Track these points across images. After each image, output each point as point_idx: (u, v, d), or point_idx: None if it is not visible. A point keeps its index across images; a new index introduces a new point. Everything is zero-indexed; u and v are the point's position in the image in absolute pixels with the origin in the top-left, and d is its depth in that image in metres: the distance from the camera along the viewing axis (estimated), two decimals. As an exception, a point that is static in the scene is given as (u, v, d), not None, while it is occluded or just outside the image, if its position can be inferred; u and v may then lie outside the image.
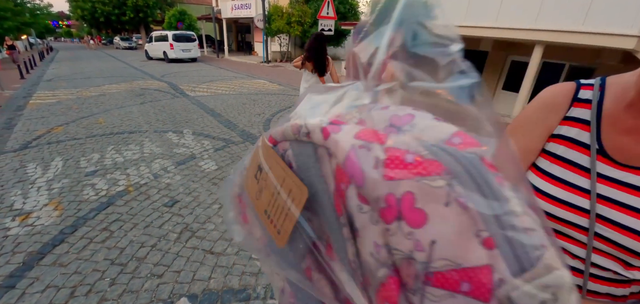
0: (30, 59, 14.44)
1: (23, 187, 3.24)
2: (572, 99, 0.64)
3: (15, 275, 2.11)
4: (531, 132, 0.68)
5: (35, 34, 28.55)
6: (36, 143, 4.49)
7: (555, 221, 0.65)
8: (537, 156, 0.69)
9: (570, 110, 0.63)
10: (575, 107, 0.63)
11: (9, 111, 6.33)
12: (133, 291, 2.00)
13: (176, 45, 16.61)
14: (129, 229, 2.60)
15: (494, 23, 7.36)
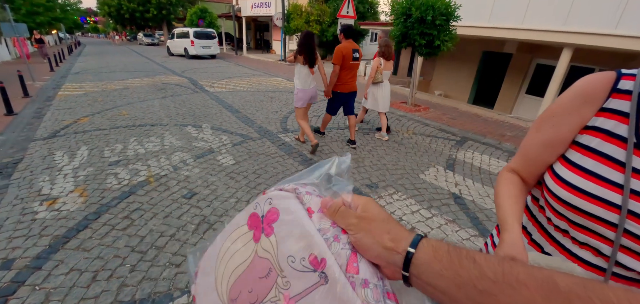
0: (59, 53, 15.08)
1: (51, 174, 3.38)
2: (611, 89, 0.61)
3: (41, 257, 2.19)
4: (563, 123, 0.66)
5: (65, 29, 29.84)
6: (64, 132, 4.68)
7: (583, 216, 0.62)
8: (567, 148, 0.66)
9: (608, 101, 0.61)
10: (613, 98, 0.60)
11: (39, 100, 6.64)
12: (152, 279, 2.04)
13: (197, 42, 16.96)
14: (149, 219, 2.65)
15: (520, 24, 7.10)
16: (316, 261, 0.37)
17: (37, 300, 1.87)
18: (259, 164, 3.81)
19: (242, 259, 0.44)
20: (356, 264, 0.37)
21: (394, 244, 0.35)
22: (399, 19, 7.00)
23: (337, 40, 16.33)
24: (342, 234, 0.39)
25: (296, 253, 0.39)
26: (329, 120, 4.62)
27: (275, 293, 0.39)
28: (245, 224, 0.46)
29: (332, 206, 0.41)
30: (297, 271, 0.38)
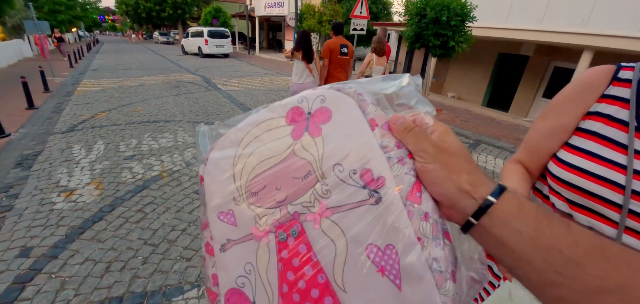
0: (79, 50, 15.55)
1: (68, 166, 3.48)
2: (612, 78, 0.65)
3: (58, 246, 2.26)
4: (567, 111, 0.70)
5: (84, 27, 30.78)
6: (81, 127, 4.81)
7: (588, 197, 0.63)
8: (571, 135, 0.69)
9: (608, 88, 0.65)
10: (614, 86, 0.65)
11: (59, 96, 6.85)
12: (163, 271, 2.07)
13: (210, 41, 17.22)
14: (161, 213, 2.70)
15: (538, 26, 6.92)
16: (370, 178, 0.34)
17: (53, 288, 1.92)
18: (270, 162, 3.82)
19: (273, 152, 0.39)
20: (419, 194, 0.33)
21: (472, 187, 0.31)
22: (413, 19, 6.92)
23: (349, 40, 16.43)
24: (408, 158, 0.35)
25: (347, 163, 0.35)
26: None
27: (310, 198, 0.35)
28: (283, 116, 0.40)
29: (404, 124, 0.36)
30: (342, 183, 0.34)
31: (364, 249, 0.32)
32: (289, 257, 0.35)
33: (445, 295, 0.31)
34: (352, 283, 0.33)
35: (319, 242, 0.34)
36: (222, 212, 0.39)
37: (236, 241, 0.38)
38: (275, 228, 0.36)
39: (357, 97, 0.39)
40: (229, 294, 0.38)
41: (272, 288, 0.35)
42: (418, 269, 0.31)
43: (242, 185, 0.39)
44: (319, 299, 0.33)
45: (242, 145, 0.41)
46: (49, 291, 1.90)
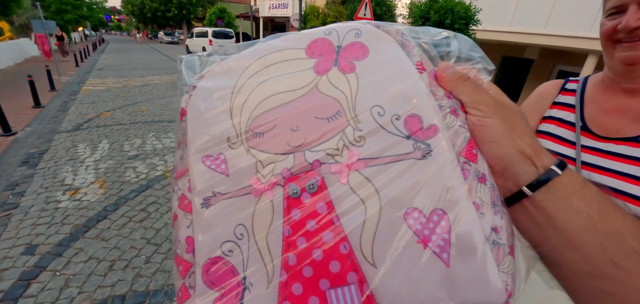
0: (85, 49, 15.70)
1: (74, 165, 3.52)
2: (561, 88, 0.81)
3: (62, 244, 2.29)
4: (529, 117, 0.82)
5: (90, 27, 31.10)
6: (87, 126, 4.86)
7: None
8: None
9: (558, 96, 0.80)
10: (562, 95, 0.79)
11: (64, 95, 6.93)
12: (165, 271, 2.09)
13: (215, 42, 17.33)
14: (164, 212, 2.72)
15: (542, 29, 6.90)
16: (418, 126, 0.27)
17: (57, 285, 1.95)
18: (272, 164, 3.84)
19: (289, 85, 0.31)
20: (475, 152, 0.28)
21: (534, 152, 0.27)
22: (416, 23, 6.93)
23: None
24: (460, 110, 0.29)
25: (388, 105, 0.28)
26: None
27: (337, 144, 0.28)
28: (302, 48, 0.33)
29: (457, 72, 0.31)
30: (381, 129, 0.28)
31: (402, 214, 0.26)
32: (301, 218, 0.27)
33: (505, 272, 0.25)
34: (384, 257, 0.25)
35: (345, 201, 0.27)
36: (210, 156, 0.31)
37: (226, 195, 0.29)
38: (284, 180, 0.28)
39: (401, 37, 0.33)
40: (209, 264, 0.28)
41: (273, 258, 0.27)
42: (474, 240, 0.25)
43: (242, 123, 0.31)
44: (339, 274, 0.26)
45: (246, 74, 0.33)
46: (53, 288, 1.93)
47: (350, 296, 0.25)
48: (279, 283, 0.26)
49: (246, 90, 0.32)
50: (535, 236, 0.28)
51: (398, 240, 0.25)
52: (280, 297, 0.26)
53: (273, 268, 0.27)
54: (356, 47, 0.32)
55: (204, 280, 0.28)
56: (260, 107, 0.31)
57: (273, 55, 0.34)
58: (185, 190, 0.33)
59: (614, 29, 0.65)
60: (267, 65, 0.33)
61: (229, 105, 0.32)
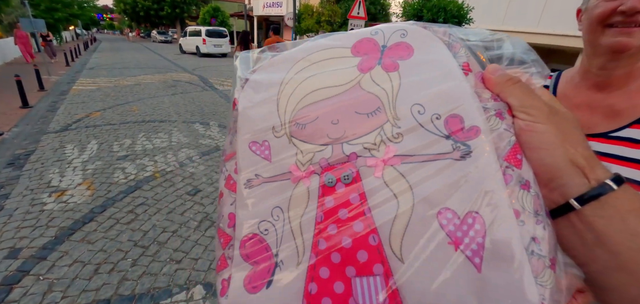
0: (76, 48, 15.48)
1: (61, 166, 3.45)
2: None
3: (47, 247, 2.23)
4: None
5: (82, 26, 30.66)
6: (75, 126, 4.78)
7: None
8: None
9: None
10: None
11: (54, 94, 6.81)
12: (152, 274, 2.05)
13: (208, 41, 17.18)
14: (152, 214, 2.68)
15: (534, 28, 6.95)
16: (459, 126, 0.27)
17: (41, 290, 1.90)
18: (264, 163, 3.81)
19: (332, 82, 0.33)
20: (520, 157, 0.27)
21: (587, 164, 0.26)
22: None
23: None
24: (507, 113, 0.29)
25: (429, 104, 0.29)
26: None
27: (375, 139, 0.29)
28: (348, 47, 0.35)
29: (506, 75, 0.30)
30: (420, 127, 0.28)
31: (435, 213, 0.26)
32: (334, 206, 0.28)
33: (542, 286, 0.24)
34: (413, 253, 0.26)
35: (378, 194, 0.27)
36: (256, 142, 0.34)
37: (267, 178, 0.32)
38: (321, 169, 0.30)
39: (448, 38, 0.33)
40: (247, 239, 0.31)
41: (305, 241, 0.29)
42: (511, 248, 0.24)
43: (287, 114, 0.33)
44: (366, 264, 0.27)
45: (294, 70, 0.35)
46: (36, 293, 1.88)
47: (374, 287, 0.26)
48: (308, 264, 0.28)
49: (293, 84, 0.34)
50: (581, 255, 0.26)
51: (428, 239, 0.26)
52: (308, 278, 0.28)
53: (304, 249, 0.29)
54: (401, 46, 0.33)
55: (241, 253, 0.31)
56: (304, 101, 0.33)
57: (320, 53, 0.36)
58: (231, 171, 0.36)
59: (612, 11, 0.60)
60: (314, 62, 0.35)
61: (276, 97, 0.34)
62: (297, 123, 0.32)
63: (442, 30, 0.34)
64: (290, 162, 0.31)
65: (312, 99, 0.33)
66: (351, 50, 0.35)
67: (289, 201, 0.30)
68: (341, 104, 0.31)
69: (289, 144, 0.32)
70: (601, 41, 0.62)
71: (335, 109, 0.31)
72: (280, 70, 0.36)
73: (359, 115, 0.30)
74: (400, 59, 0.32)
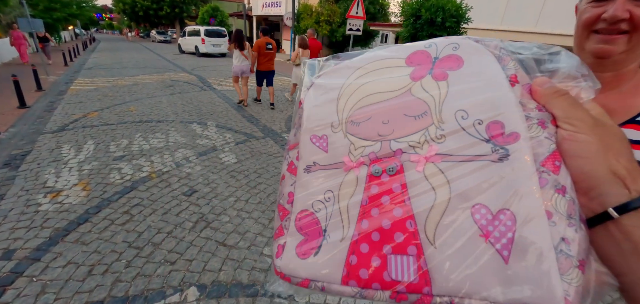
0: (74, 48, 15.45)
1: (57, 167, 3.44)
2: None
3: (41, 249, 2.22)
4: None
5: (81, 25, 30.62)
6: (72, 126, 4.77)
7: None
8: None
9: None
10: None
11: (51, 94, 6.79)
12: (146, 275, 2.04)
13: (207, 40, 17.15)
14: (148, 214, 2.67)
15: (533, 28, 6.94)
16: (499, 131, 0.30)
17: (34, 291, 1.89)
18: (261, 164, 3.80)
19: (386, 87, 0.37)
20: (558, 164, 0.29)
21: (629, 175, 0.26)
22: (408, 20, 6.92)
23: (346, 41, 17.02)
24: (550, 123, 0.31)
25: (473, 110, 0.32)
26: (259, 90, 6.73)
27: (420, 139, 0.33)
28: (403, 58, 0.39)
29: (553, 87, 0.31)
30: (462, 130, 0.31)
31: (469, 207, 0.29)
32: (378, 193, 0.33)
33: (568, 283, 0.26)
34: (445, 240, 0.29)
35: (418, 186, 0.31)
36: (316, 135, 0.39)
37: (323, 166, 0.37)
38: (370, 161, 0.34)
39: (498, 51, 0.36)
40: (301, 214, 0.37)
41: (350, 220, 0.33)
42: (539, 245, 0.26)
43: (344, 113, 0.38)
44: (401, 244, 0.30)
45: (353, 76, 0.40)
46: (29, 294, 1.87)
47: (407, 265, 0.30)
48: (351, 240, 0.33)
49: (352, 88, 0.39)
50: (618, 265, 0.27)
51: (461, 229, 0.28)
52: (350, 251, 0.33)
53: (348, 227, 0.33)
54: (452, 58, 0.36)
55: (296, 225, 0.37)
56: (360, 103, 0.38)
57: (377, 62, 0.40)
58: (293, 158, 0.42)
59: (597, 17, 0.61)
60: (371, 70, 0.40)
61: (336, 99, 0.40)
62: (353, 121, 0.37)
63: (493, 44, 0.36)
64: (344, 153, 0.36)
65: (367, 102, 0.37)
66: (406, 61, 0.39)
67: (339, 186, 0.35)
68: (392, 107, 0.36)
69: (344, 138, 0.37)
70: (586, 46, 0.62)
71: (386, 111, 0.36)
72: (341, 76, 0.41)
73: (407, 117, 0.34)
74: (450, 70, 0.35)
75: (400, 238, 0.30)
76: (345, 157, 0.36)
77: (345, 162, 0.36)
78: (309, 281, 0.34)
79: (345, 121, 0.37)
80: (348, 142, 0.36)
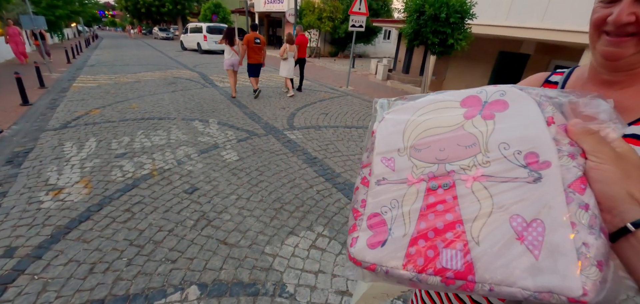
0: (77, 45, 15.47)
1: (59, 164, 3.44)
2: (544, 81, 0.72)
3: (42, 246, 2.22)
4: None
5: (83, 23, 30.64)
6: (75, 123, 4.77)
7: None
8: None
9: None
10: (544, 87, 0.71)
11: (54, 92, 6.80)
12: (147, 274, 2.03)
13: (209, 37, 17.11)
14: (149, 212, 2.66)
15: (539, 23, 6.83)
16: (534, 160, 0.38)
17: (35, 289, 1.89)
18: (263, 161, 3.78)
19: (443, 123, 0.46)
20: (584, 187, 0.35)
21: None
22: (411, 16, 6.84)
23: (348, 38, 17.56)
24: (580, 156, 0.37)
25: (514, 143, 0.40)
26: (252, 80, 7.15)
27: (469, 163, 0.41)
28: (458, 101, 0.48)
29: (585, 127, 0.39)
30: (504, 158, 0.39)
31: (508, 217, 0.36)
32: (434, 202, 0.42)
33: (585, 276, 0.32)
34: (487, 240, 0.36)
35: (466, 199, 0.39)
36: (385, 157, 0.49)
37: (390, 181, 0.47)
38: (428, 178, 0.44)
39: (539, 98, 0.43)
40: (372, 216, 0.47)
41: (411, 223, 0.42)
42: (563, 247, 0.33)
43: (409, 141, 0.48)
44: (451, 241, 0.38)
45: (417, 114, 0.50)
46: (30, 292, 1.87)
47: (455, 257, 0.38)
48: (411, 236, 0.41)
49: (415, 123, 0.49)
50: (638, 269, 0.32)
51: (500, 232, 0.36)
52: (410, 244, 0.41)
53: (409, 226, 0.42)
54: (499, 103, 0.44)
55: (367, 224, 0.47)
56: (422, 134, 0.47)
57: (437, 104, 0.49)
58: (366, 174, 0.51)
59: (604, 19, 0.58)
60: (432, 110, 0.49)
61: (402, 130, 0.50)
62: (415, 148, 0.47)
63: (535, 92, 0.44)
64: (407, 172, 0.46)
65: (428, 134, 0.47)
66: (460, 103, 0.48)
67: (403, 196, 0.45)
68: (448, 138, 0.45)
69: (408, 160, 0.47)
70: (596, 46, 0.59)
71: (443, 141, 0.45)
72: (407, 113, 0.51)
73: (459, 146, 0.43)
74: (497, 111, 0.43)
75: (450, 236, 0.39)
76: (409, 175, 0.46)
77: (409, 179, 0.45)
78: (376, 266, 0.43)
79: (409, 148, 0.47)
80: (411, 164, 0.46)
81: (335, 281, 2.06)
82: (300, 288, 2.00)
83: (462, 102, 0.47)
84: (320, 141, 4.62)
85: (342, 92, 8.59)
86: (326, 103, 7.06)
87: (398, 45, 13.26)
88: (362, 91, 9.07)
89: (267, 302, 1.89)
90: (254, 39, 6.67)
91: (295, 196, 3.05)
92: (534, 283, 0.33)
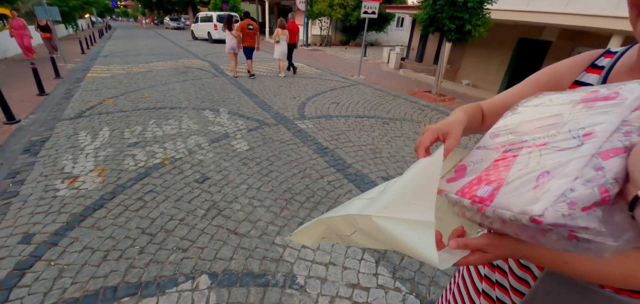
0: (91, 36, 15.69)
1: (74, 153, 3.49)
2: (589, 64, 0.65)
3: (58, 233, 2.26)
4: (563, 71, 0.69)
5: (96, 13, 31.05)
6: (89, 113, 4.84)
7: None
8: None
9: (581, 75, 0.66)
10: (587, 72, 0.65)
11: (69, 82, 6.92)
12: (159, 262, 2.04)
13: (220, 26, 17.07)
14: (161, 201, 2.67)
15: (563, 8, 6.50)
16: (590, 133, 0.41)
17: (51, 275, 1.92)
18: (273, 151, 3.75)
19: (540, 115, 0.53)
20: (612, 155, 0.38)
21: None
22: (426, 2, 6.61)
23: (360, 25, 17.83)
24: (637, 136, 0.40)
25: (584, 122, 0.43)
26: (250, 63, 8.03)
27: (541, 135, 0.47)
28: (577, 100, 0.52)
29: None
30: (568, 132, 0.44)
31: (540, 172, 0.41)
32: (500, 159, 0.50)
33: (553, 208, 0.36)
34: (513, 183, 0.43)
35: (522, 159, 0.46)
36: (494, 134, 0.57)
37: (485, 148, 0.56)
38: (509, 147, 0.51)
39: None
40: (460, 165, 0.58)
41: (480, 170, 0.51)
42: (553, 188, 0.38)
43: (515, 125, 0.55)
44: (493, 181, 0.46)
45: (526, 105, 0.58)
46: (46, 278, 1.91)
47: (487, 189, 0.46)
48: (473, 177, 0.51)
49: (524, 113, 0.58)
50: None
51: (526, 180, 0.42)
52: (471, 182, 0.50)
53: (477, 172, 0.52)
54: (611, 95, 0.47)
55: (454, 170, 0.58)
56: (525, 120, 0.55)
57: (553, 97, 0.55)
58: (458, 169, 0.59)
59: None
60: (537, 103, 0.57)
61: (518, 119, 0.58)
62: (515, 130, 0.55)
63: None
64: (500, 142, 0.54)
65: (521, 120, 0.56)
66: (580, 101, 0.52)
67: (484, 157, 0.54)
68: (538, 120, 0.51)
69: (506, 136, 0.54)
70: (637, 26, 0.51)
71: (532, 122, 0.52)
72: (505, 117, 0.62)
73: (543, 126, 0.49)
74: (601, 101, 0.46)
75: (493, 178, 0.47)
76: (498, 144, 0.54)
77: (497, 148, 0.53)
78: (441, 192, 0.54)
79: (513, 129, 0.55)
80: (506, 138, 0.54)
81: (346, 274, 2.03)
82: (311, 280, 1.97)
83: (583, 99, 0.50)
84: (331, 130, 4.56)
85: (354, 81, 8.45)
86: (337, 92, 6.96)
87: (412, 32, 12.91)
88: (373, 80, 8.91)
89: (277, 293, 1.87)
90: (247, 26, 7.58)
91: (306, 187, 3.02)
92: (518, 208, 0.39)
